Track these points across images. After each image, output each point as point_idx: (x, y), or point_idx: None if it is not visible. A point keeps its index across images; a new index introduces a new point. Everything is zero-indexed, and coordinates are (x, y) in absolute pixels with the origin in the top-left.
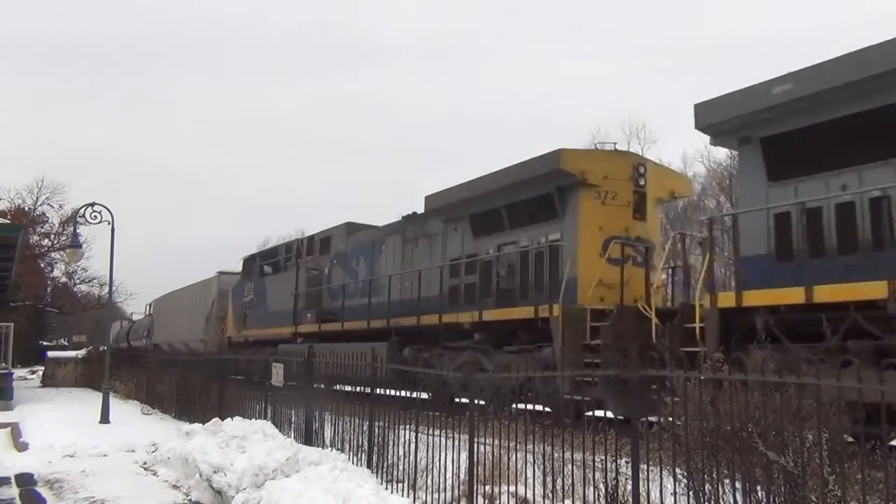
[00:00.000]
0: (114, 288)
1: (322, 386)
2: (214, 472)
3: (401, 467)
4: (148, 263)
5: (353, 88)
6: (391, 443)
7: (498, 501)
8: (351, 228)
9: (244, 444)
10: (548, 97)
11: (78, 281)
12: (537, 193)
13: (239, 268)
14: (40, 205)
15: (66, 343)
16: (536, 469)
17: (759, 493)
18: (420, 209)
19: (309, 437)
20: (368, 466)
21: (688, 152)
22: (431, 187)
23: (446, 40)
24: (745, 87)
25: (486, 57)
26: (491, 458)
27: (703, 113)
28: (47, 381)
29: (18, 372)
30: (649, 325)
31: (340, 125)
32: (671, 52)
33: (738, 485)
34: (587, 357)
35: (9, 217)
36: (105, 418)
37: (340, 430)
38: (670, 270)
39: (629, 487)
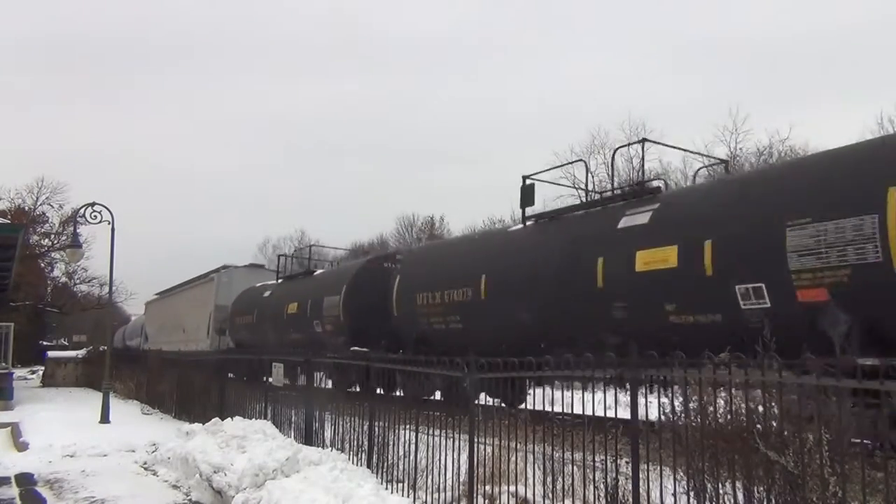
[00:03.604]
0: (114, 288)
1: None
2: (214, 472)
3: (401, 467)
4: (148, 263)
5: (355, 89)
6: (391, 443)
7: (498, 501)
8: None
9: (244, 444)
10: (547, 97)
11: (78, 281)
12: None
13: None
14: (40, 205)
15: (66, 343)
16: (537, 469)
17: (760, 492)
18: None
19: (309, 436)
20: (368, 466)
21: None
22: (431, 187)
23: (444, 42)
24: None
25: (485, 58)
26: (491, 458)
27: None
28: (47, 381)
29: (18, 372)
30: None
31: (341, 125)
32: (671, 51)
33: (738, 484)
34: None
35: (9, 217)
36: (105, 418)
37: (340, 430)
38: None
39: (629, 487)
